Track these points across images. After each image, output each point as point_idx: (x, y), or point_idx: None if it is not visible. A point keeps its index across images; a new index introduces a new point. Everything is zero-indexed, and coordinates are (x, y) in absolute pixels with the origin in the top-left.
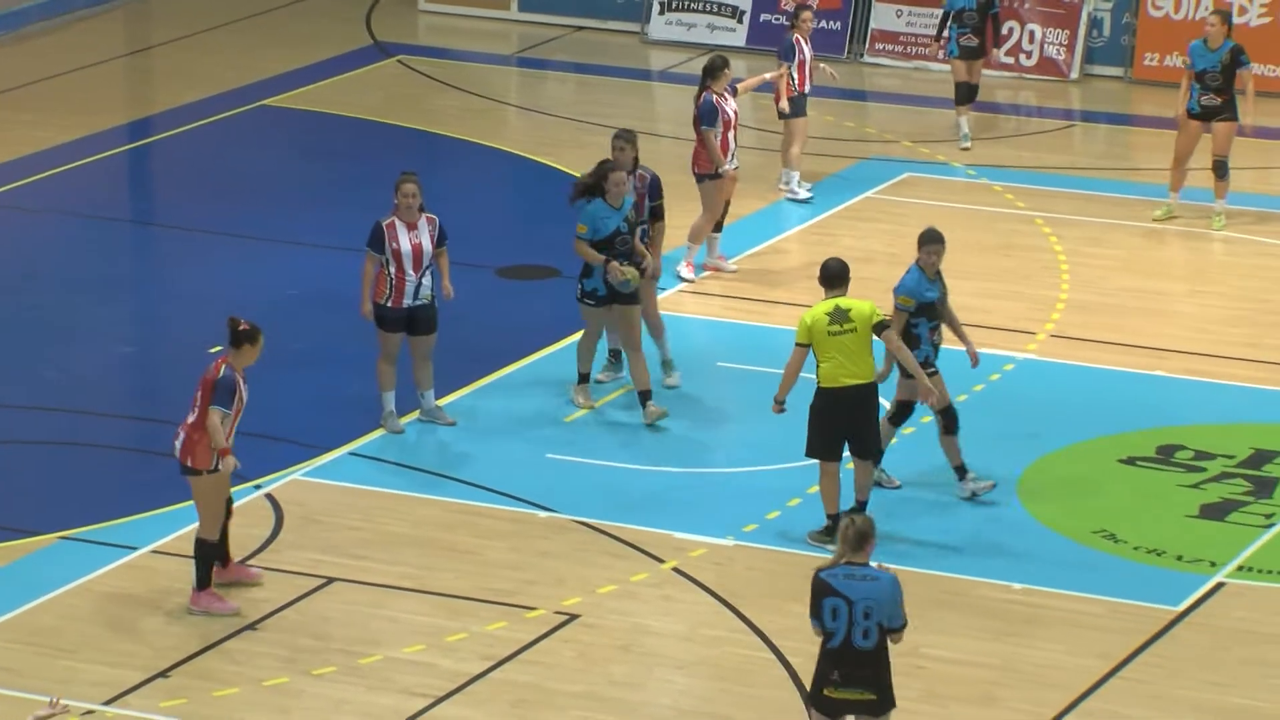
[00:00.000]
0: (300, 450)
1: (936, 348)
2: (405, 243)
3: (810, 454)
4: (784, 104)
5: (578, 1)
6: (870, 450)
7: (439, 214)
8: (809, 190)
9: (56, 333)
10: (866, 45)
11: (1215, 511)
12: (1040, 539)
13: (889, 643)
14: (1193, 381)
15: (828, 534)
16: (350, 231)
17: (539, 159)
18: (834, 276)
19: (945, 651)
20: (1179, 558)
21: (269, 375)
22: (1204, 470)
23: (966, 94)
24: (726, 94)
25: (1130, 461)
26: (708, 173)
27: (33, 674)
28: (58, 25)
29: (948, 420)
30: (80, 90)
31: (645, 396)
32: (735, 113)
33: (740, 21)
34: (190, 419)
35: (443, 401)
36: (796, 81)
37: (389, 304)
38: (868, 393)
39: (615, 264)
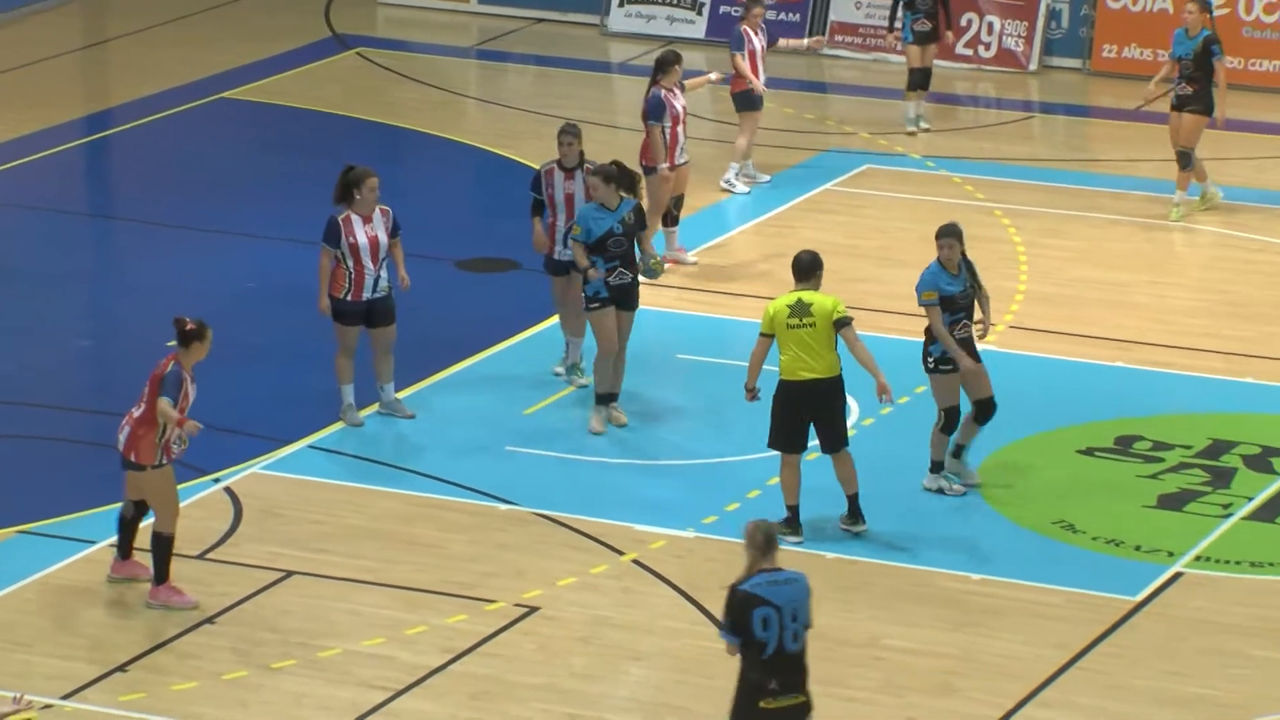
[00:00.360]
0: (259, 443)
1: (963, 343)
2: (362, 236)
3: (771, 445)
4: (759, 85)
5: None
6: (838, 443)
7: (398, 207)
8: (748, 185)
9: (13, 326)
10: (826, 37)
11: (1173, 502)
12: (999, 530)
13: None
14: (1151, 372)
15: (787, 525)
16: (309, 225)
17: (498, 151)
18: (803, 269)
19: (904, 642)
20: (1137, 548)
21: (227, 369)
22: (1162, 460)
23: (921, 79)
24: (676, 89)
25: (1089, 452)
26: (654, 166)
27: None
28: (13, 18)
29: (948, 420)
30: (36, 84)
31: (611, 399)
32: (684, 108)
33: (700, 13)
34: (136, 413)
35: (402, 394)
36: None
37: (348, 298)
38: (828, 387)
39: (593, 270)
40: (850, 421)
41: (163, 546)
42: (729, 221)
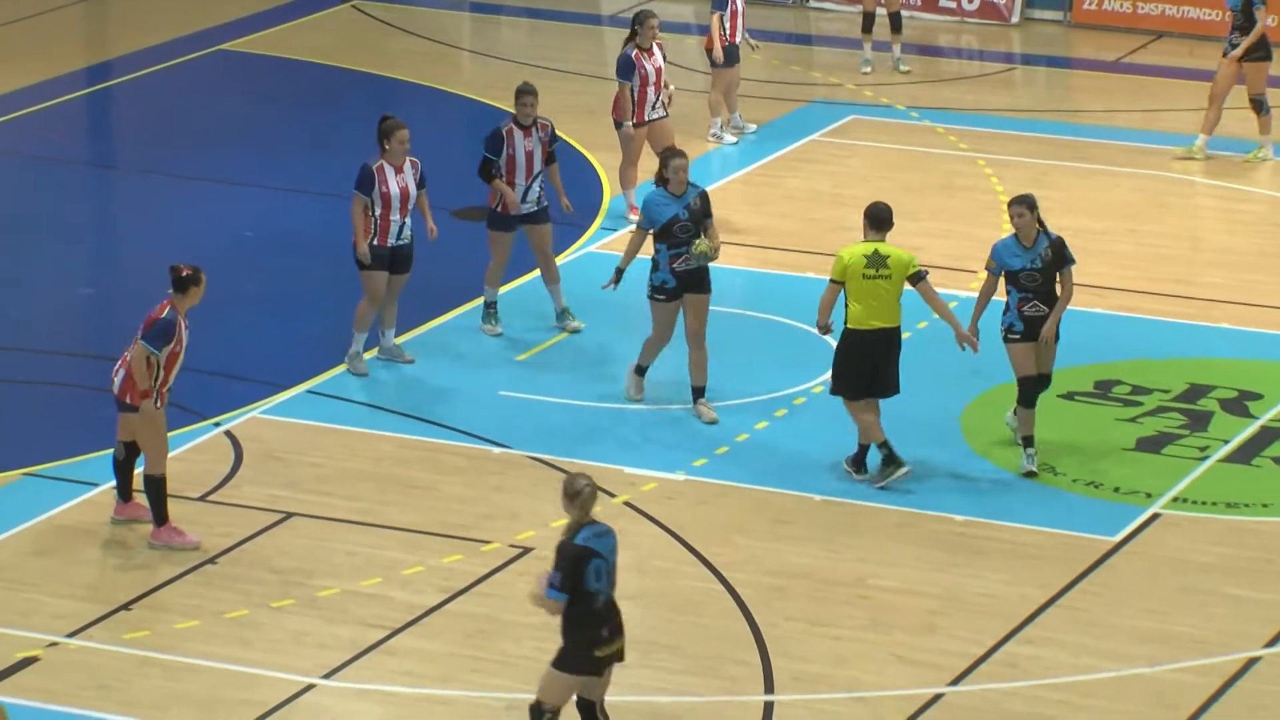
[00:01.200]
0: (259, 388)
1: (1029, 320)
2: (393, 186)
3: (836, 392)
4: (718, 52)
5: None
6: (889, 391)
7: None
8: (735, 136)
9: (15, 274)
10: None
11: (1151, 444)
12: (982, 472)
13: None
14: (1130, 318)
15: (890, 463)
16: (306, 174)
17: (491, 102)
18: (879, 220)
19: (890, 581)
20: (1116, 489)
21: (226, 315)
22: (1140, 404)
23: (865, 21)
24: (655, 48)
25: (1069, 396)
26: (620, 120)
27: None
28: None
29: (1021, 392)
30: (38, 36)
31: (699, 392)
32: (658, 69)
33: None
34: (129, 355)
35: (399, 340)
36: (728, 31)
37: (374, 243)
38: (891, 336)
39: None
40: (828, 373)
41: (156, 488)
42: (715, 172)
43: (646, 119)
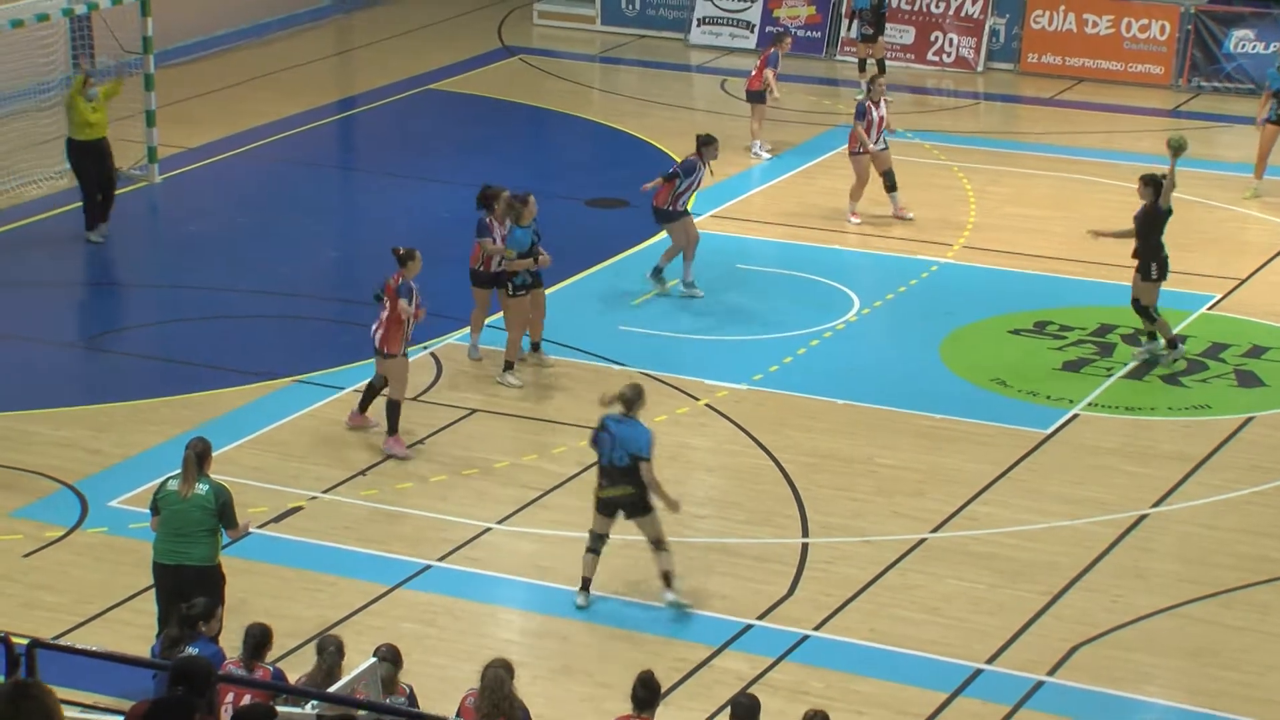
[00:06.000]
0: (452, 323)
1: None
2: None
3: None
4: (871, 148)
5: (641, 17)
6: None
7: (548, 166)
8: (769, 154)
9: (288, 242)
10: (838, 48)
11: (1073, 366)
12: (954, 384)
13: None
14: (1059, 278)
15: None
16: (486, 174)
17: (614, 125)
18: None
19: (890, 460)
20: (1048, 397)
21: (433, 270)
22: (1066, 338)
23: (860, 65)
24: (881, 102)
25: (1016, 332)
26: (854, 150)
27: (273, 472)
28: (290, 33)
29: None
30: (305, 78)
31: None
32: (882, 117)
33: (751, 31)
34: (383, 315)
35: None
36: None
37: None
38: None
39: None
40: (853, 310)
41: (394, 409)
42: (760, 177)
43: (870, 149)
